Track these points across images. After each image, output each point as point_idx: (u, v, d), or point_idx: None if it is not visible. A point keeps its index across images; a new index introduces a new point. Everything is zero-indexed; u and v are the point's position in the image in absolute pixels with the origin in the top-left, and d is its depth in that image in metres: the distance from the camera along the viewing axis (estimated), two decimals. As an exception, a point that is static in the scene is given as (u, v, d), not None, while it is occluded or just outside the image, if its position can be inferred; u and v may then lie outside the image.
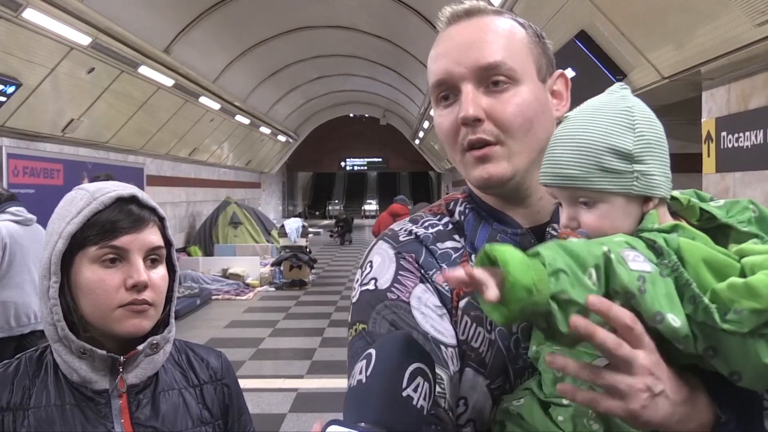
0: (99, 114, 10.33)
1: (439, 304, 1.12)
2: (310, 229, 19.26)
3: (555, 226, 1.15)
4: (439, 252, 1.17)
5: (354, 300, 1.17)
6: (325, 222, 40.32)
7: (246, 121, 18.36)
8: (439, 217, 1.23)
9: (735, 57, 4.25)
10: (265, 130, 21.78)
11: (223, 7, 11.75)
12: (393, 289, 1.13)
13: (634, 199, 1.00)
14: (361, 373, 0.92)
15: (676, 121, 7.72)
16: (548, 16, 6.41)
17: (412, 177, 49.16)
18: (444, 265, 1.15)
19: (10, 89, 7.81)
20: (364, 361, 0.92)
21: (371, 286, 1.15)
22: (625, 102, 1.02)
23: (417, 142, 28.27)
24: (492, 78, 1.12)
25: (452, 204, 1.25)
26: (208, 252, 16.35)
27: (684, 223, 0.97)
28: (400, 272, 1.15)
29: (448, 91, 1.15)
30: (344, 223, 26.88)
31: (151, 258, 1.36)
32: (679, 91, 5.61)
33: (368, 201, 48.81)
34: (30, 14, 7.05)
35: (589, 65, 6.10)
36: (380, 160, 44.69)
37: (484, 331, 1.11)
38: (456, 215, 1.23)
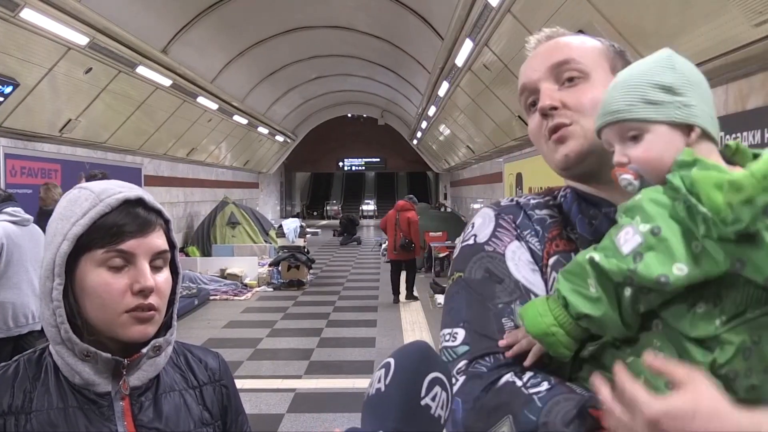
0: (97, 114, 10.32)
1: (532, 260, 1.22)
2: (308, 230, 19.25)
3: None
4: (536, 217, 1.28)
5: (455, 255, 1.30)
6: (324, 222, 40.31)
7: (244, 121, 18.35)
8: (542, 195, 1.34)
9: (733, 57, 4.26)
10: (263, 130, 21.78)
11: (221, 7, 11.75)
12: (490, 242, 1.25)
13: (678, 129, 1.07)
14: (379, 381, 0.94)
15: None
16: (546, 17, 6.41)
17: (410, 177, 49.11)
18: (538, 228, 1.26)
19: (8, 89, 7.81)
20: (383, 370, 0.95)
21: (471, 242, 1.27)
22: (668, 52, 1.14)
23: (415, 142, 28.27)
24: (565, 74, 1.25)
25: (557, 191, 1.35)
26: (206, 252, 16.34)
27: (704, 158, 1.01)
28: (498, 229, 1.26)
29: (531, 95, 1.29)
30: (348, 223, 26.60)
31: (157, 260, 1.35)
32: (677, 92, 5.60)
33: (366, 201, 48.80)
34: (27, 14, 7.04)
35: (587, 65, 6.10)
36: (378, 160, 44.68)
37: None
38: (558, 198, 1.33)
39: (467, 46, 9.10)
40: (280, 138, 25.35)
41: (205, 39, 12.61)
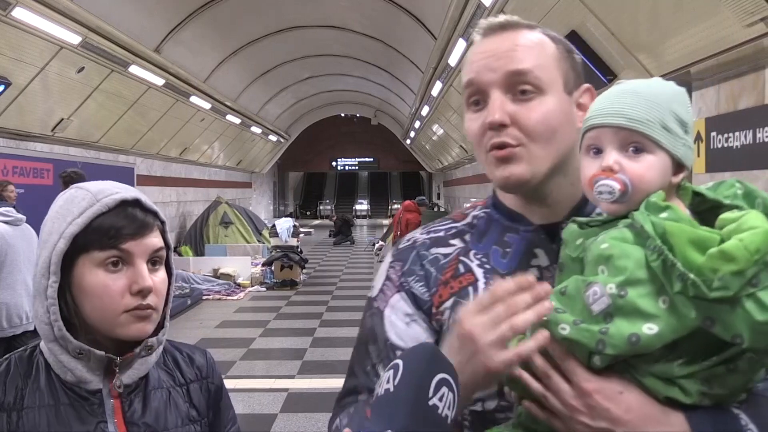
0: (89, 113, 10.30)
1: (410, 311, 1.26)
2: (301, 229, 19.24)
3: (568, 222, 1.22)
4: (429, 257, 1.29)
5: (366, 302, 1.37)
6: (317, 222, 40.28)
7: (237, 120, 18.33)
8: (450, 221, 1.36)
9: (724, 57, 4.28)
10: (256, 129, 21.76)
11: (214, 6, 11.74)
12: (377, 298, 1.30)
13: (671, 165, 1.08)
14: (388, 382, 0.96)
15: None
16: (539, 17, 6.43)
17: (404, 177, 49.12)
18: (431, 269, 1.28)
19: (0, 88, 7.78)
20: (392, 371, 0.97)
21: (370, 293, 1.33)
22: (682, 88, 1.13)
23: (408, 142, 28.29)
24: (519, 86, 1.19)
25: (471, 209, 1.36)
26: (199, 252, 16.31)
27: (675, 205, 1.02)
28: (386, 282, 1.31)
29: (478, 95, 1.22)
30: (343, 224, 26.49)
31: (153, 261, 1.36)
32: (669, 92, 5.62)
33: (359, 201, 48.78)
34: (19, 13, 7.02)
35: (579, 65, 6.12)
36: (371, 160, 44.65)
37: None
38: (469, 218, 1.34)
39: (460, 45, 9.12)
40: (273, 137, 25.33)
41: (197, 38, 12.60)
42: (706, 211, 1.09)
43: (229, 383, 1.55)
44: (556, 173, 1.21)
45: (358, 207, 47.19)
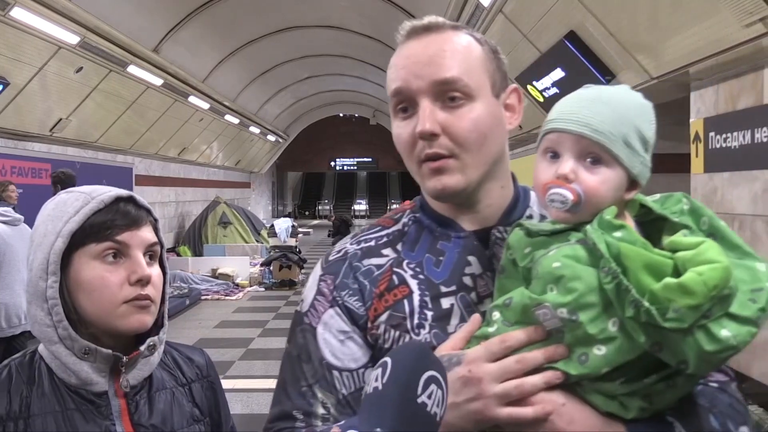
0: (87, 113, 10.29)
1: (346, 328, 1.21)
2: (300, 229, 19.23)
3: (500, 228, 1.23)
4: (362, 269, 1.25)
5: (292, 318, 1.30)
6: (315, 222, 40.27)
7: (235, 120, 18.33)
8: (378, 229, 1.31)
9: (723, 58, 4.28)
10: (255, 129, 21.76)
11: (213, 6, 11.73)
12: (309, 313, 1.25)
13: (626, 181, 1.07)
14: (377, 380, 0.96)
15: (665, 122, 7.74)
16: (538, 17, 6.43)
17: (402, 177, 49.07)
18: (364, 282, 1.23)
19: (-2, 88, 7.78)
20: (380, 369, 0.97)
21: (299, 308, 1.28)
22: (646, 101, 1.11)
23: (407, 142, 28.25)
24: (449, 93, 1.16)
25: (401, 214, 1.32)
26: (198, 252, 16.30)
27: (628, 225, 1.02)
28: (317, 297, 1.25)
29: (406, 103, 1.19)
30: (342, 224, 26.42)
31: (149, 254, 1.37)
32: (668, 92, 5.63)
33: (358, 201, 48.78)
34: (18, 13, 7.02)
35: (578, 65, 6.12)
36: (370, 160, 44.68)
37: (410, 335, 1.17)
38: (399, 224, 1.30)
39: (459, 46, 9.12)
40: (271, 137, 25.32)
41: (196, 38, 12.59)
42: (649, 222, 1.09)
43: (227, 383, 1.55)
44: (487, 178, 1.21)
45: (356, 207, 47.18)
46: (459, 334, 1.10)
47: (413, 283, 1.21)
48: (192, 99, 13.78)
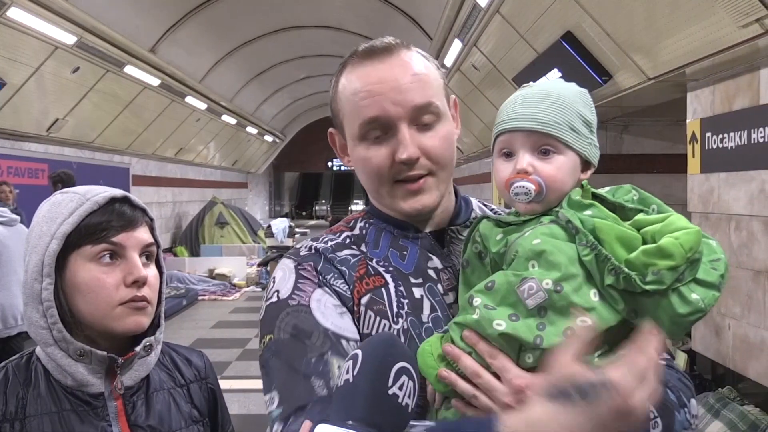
0: (84, 114, 10.27)
1: (338, 304, 1.20)
2: (297, 230, 19.22)
3: (453, 228, 1.31)
4: (338, 259, 1.26)
5: (261, 316, 1.22)
6: (312, 222, 40.24)
7: (232, 121, 18.31)
8: (337, 234, 1.33)
9: (719, 58, 4.28)
10: (252, 130, 21.74)
11: (210, 6, 11.71)
12: (294, 296, 1.20)
13: (580, 163, 1.17)
14: (347, 372, 0.96)
15: (662, 122, 7.75)
16: (535, 17, 6.43)
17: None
18: (343, 268, 1.24)
19: (-5, 88, 7.77)
20: (351, 362, 0.97)
21: (274, 299, 1.21)
22: (583, 89, 1.22)
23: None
24: (424, 117, 1.22)
25: (353, 222, 1.36)
26: (195, 252, 16.29)
27: (597, 204, 1.10)
28: (299, 281, 1.22)
29: (380, 130, 1.22)
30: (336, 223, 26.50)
31: (145, 255, 1.37)
32: (665, 92, 5.64)
33: (355, 201, 48.73)
34: (14, 13, 7.00)
35: (574, 66, 6.12)
36: (367, 160, 44.66)
37: (389, 322, 1.19)
38: (357, 230, 1.33)
39: (456, 46, 9.11)
40: (268, 138, 25.30)
41: (193, 38, 12.57)
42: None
43: (225, 384, 1.55)
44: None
45: (353, 207, 47.08)
46: (566, 355, 0.96)
47: (387, 276, 1.23)
48: (189, 99, 13.76)
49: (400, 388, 0.94)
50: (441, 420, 1.10)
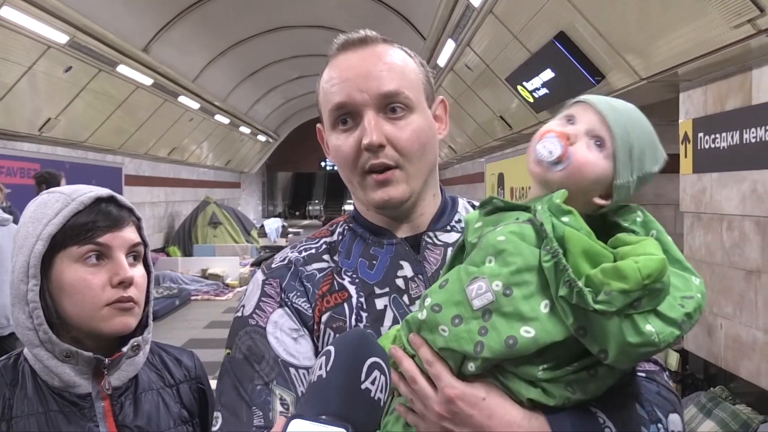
0: (77, 113, 10.24)
1: (296, 327, 1.22)
2: (290, 229, 19.21)
3: (430, 234, 1.29)
4: (306, 273, 1.27)
5: (231, 327, 1.28)
6: (306, 222, 40.20)
7: (226, 120, 18.27)
8: (317, 240, 1.34)
9: (712, 59, 4.30)
10: (245, 129, 21.70)
11: (203, 6, 11.69)
12: (254, 315, 1.23)
13: (607, 184, 1.10)
14: (321, 368, 0.97)
15: (654, 122, 7.77)
16: (528, 18, 6.44)
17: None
18: (308, 285, 1.25)
19: (-14, 88, 7.73)
20: (324, 358, 0.98)
21: (239, 313, 1.26)
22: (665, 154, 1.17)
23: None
24: (391, 105, 1.21)
25: (335, 225, 1.37)
26: (188, 252, 16.26)
27: (575, 212, 1.04)
28: (263, 298, 1.25)
29: (347, 116, 1.23)
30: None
31: (132, 255, 1.36)
32: (657, 93, 5.65)
33: (348, 201, 48.72)
34: (6, 12, 6.96)
35: (567, 66, 6.13)
36: (360, 160, 44.63)
37: None
38: (335, 235, 1.34)
39: (449, 46, 9.12)
40: (262, 138, 25.27)
41: (186, 38, 12.54)
42: (600, 227, 1.11)
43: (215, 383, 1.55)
44: (424, 188, 1.27)
45: (347, 207, 47.06)
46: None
47: (351, 289, 1.24)
48: (182, 99, 13.73)
49: (373, 383, 0.95)
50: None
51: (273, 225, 15.38)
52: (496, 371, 1.03)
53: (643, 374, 1.16)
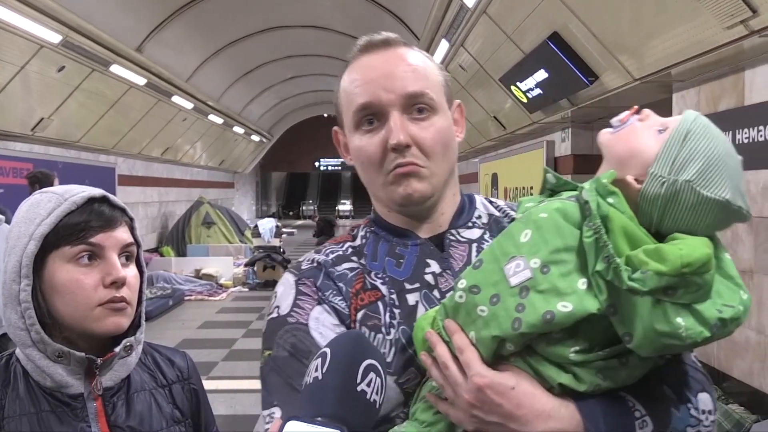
0: (70, 113, 10.21)
1: (337, 322, 1.21)
2: (284, 230, 19.19)
3: (453, 232, 1.30)
4: (336, 273, 1.27)
5: (263, 330, 1.27)
6: (300, 222, 40.20)
7: (219, 120, 18.26)
8: (341, 244, 1.34)
9: (705, 59, 4.31)
10: (239, 129, 21.69)
11: (196, 5, 11.67)
12: (293, 313, 1.23)
13: (644, 172, 1.08)
14: (316, 370, 0.97)
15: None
16: (521, 18, 6.45)
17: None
18: (341, 284, 1.25)
19: (-21, 87, 7.70)
20: (319, 360, 0.98)
21: (275, 315, 1.25)
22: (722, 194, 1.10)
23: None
24: (416, 106, 1.23)
25: (356, 230, 1.37)
26: (181, 252, 16.23)
27: (621, 195, 1.05)
28: (299, 297, 1.24)
29: (373, 116, 1.24)
30: (326, 225, 26.33)
31: (125, 255, 1.36)
32: (650, 93, 5.67)
33: (342, 201, 48.74)
34: (-1, 11, 6.96)
35: (561, 67, 6.15)
36: (354, 160, 44.61)
37: (382, 335, 1.20)
38: (358, 239, 1.34)
39: (443, 46, 9.13)
40: (255, 138, 25.25)
41: (180, 38, 12.53)
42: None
43: (211, 384, 1.54)
44: (445, 187, 1.29)
45: (341, 207, 47.07)
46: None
47: (383, 288, 1.24)
48: (175, 99, 13.71)
49: (368, 385, 0.96)
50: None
51: (267, 225, 15.33)
52: (527, 355, 1.04)
53: (669, 356, 1.15)
